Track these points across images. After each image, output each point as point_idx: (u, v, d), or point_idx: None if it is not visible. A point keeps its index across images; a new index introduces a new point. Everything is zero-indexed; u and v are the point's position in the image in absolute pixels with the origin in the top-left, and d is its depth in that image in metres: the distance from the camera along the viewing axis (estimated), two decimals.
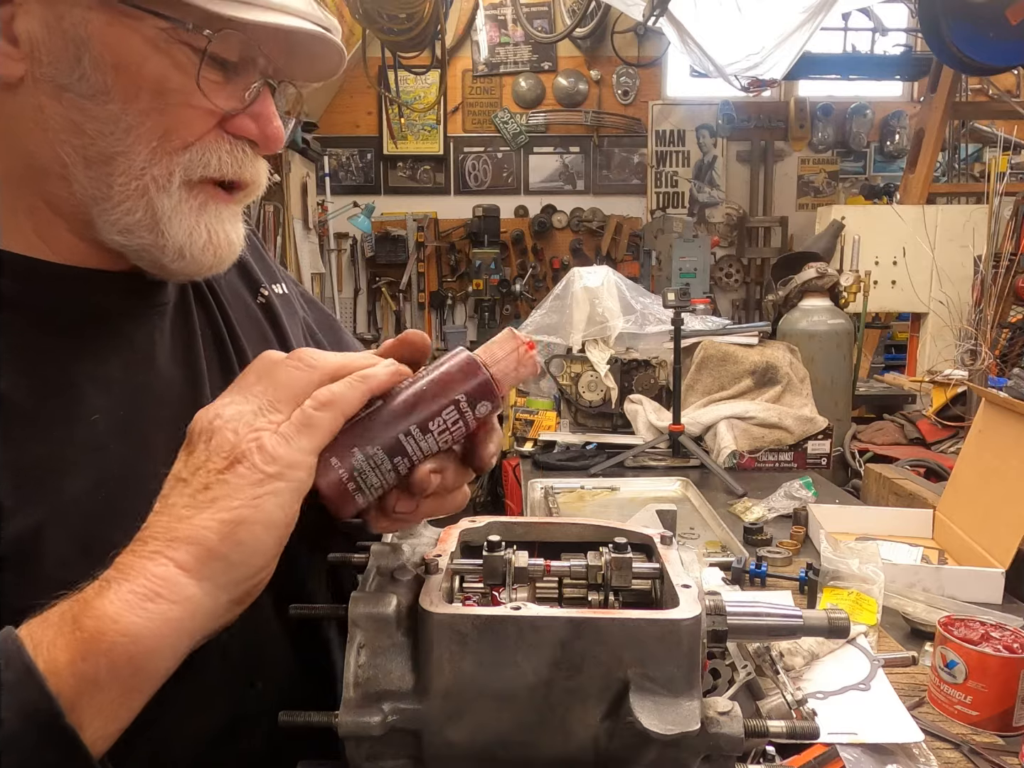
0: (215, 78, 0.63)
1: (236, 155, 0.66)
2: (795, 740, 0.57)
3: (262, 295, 0.87)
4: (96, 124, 0.61)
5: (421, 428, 0.58)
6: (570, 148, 7.15)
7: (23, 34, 0.59)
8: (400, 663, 0.55)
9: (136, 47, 0.60)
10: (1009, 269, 3.53)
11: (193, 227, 0.65)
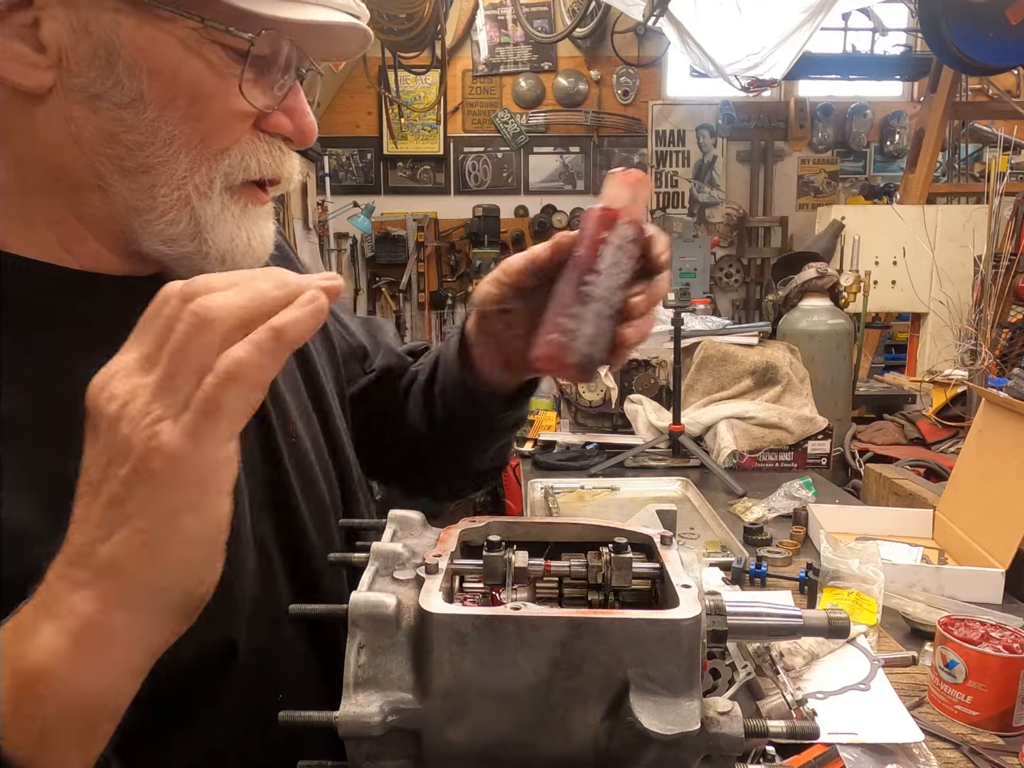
0: (249, 76, 0.61)
1: (273, 154, 0.65)
2: (795, 740, 0.57)
3: None
4: (133, 134, 0.59)
5: (598, 275, 0.67)
6: (570, 148, 7.15)
7: (50, 41, 0.56)
8: (400, 663, 0.55)
9: (170, 50, 0.58)
10: (1009, 269, 3.53)
11: (235, 233, 0.64)
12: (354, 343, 0.99)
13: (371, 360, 1.00)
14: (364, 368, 0.99)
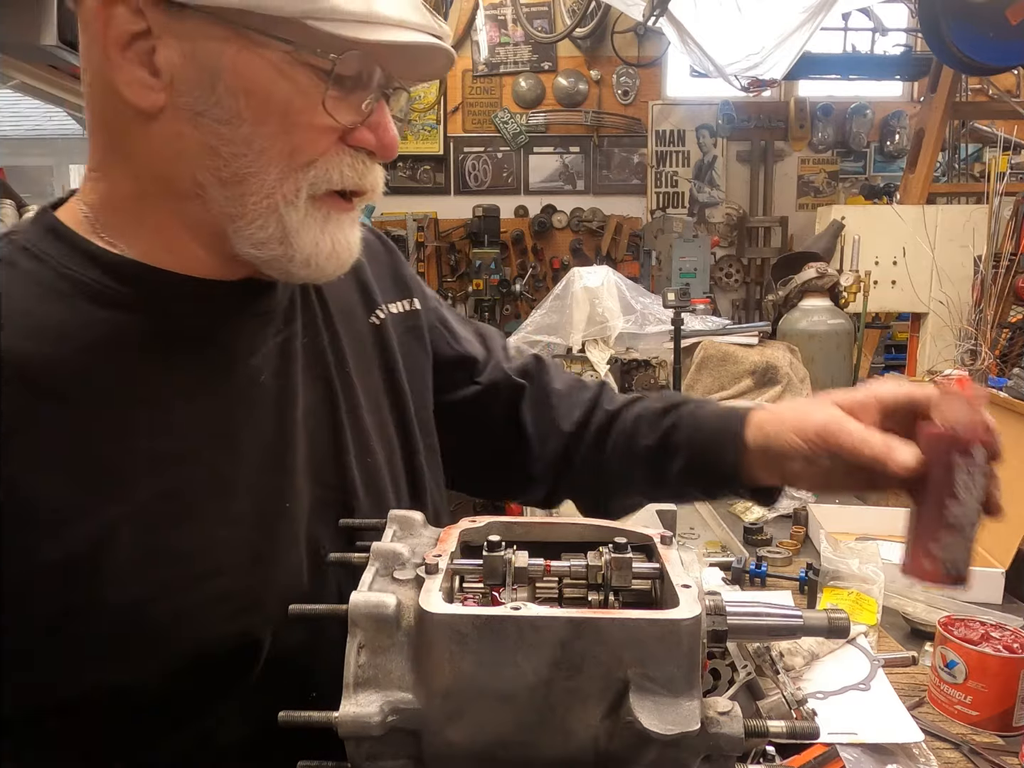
0: (335, 94, 0.65)
1: (356, 167, 0.69)
2: (795, 740, 0.57)
3: (377, 316, 0.90)
4: (231, 147, 0.65)
5: (959, 502, 0.71)
6: (570, 148, 7.15)
7: (163, 66, 0.63)
8: (400, 663, 0.55)
9: (264, 72, 0.63)
10: (1009, 269, 3.53)
11: (319, 238, 0.69)
12: (461, 351, 0.99)
13: (480, 369, 1.00)
14: (472, 376, 0.99)
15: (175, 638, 0.64)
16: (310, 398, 0.78)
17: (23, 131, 4.48)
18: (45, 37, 2.81)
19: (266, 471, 0.72)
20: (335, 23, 0.61)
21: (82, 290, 0.67)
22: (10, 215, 2.54)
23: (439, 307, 1.02)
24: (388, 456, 0.85)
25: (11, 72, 3.28)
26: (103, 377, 0.65)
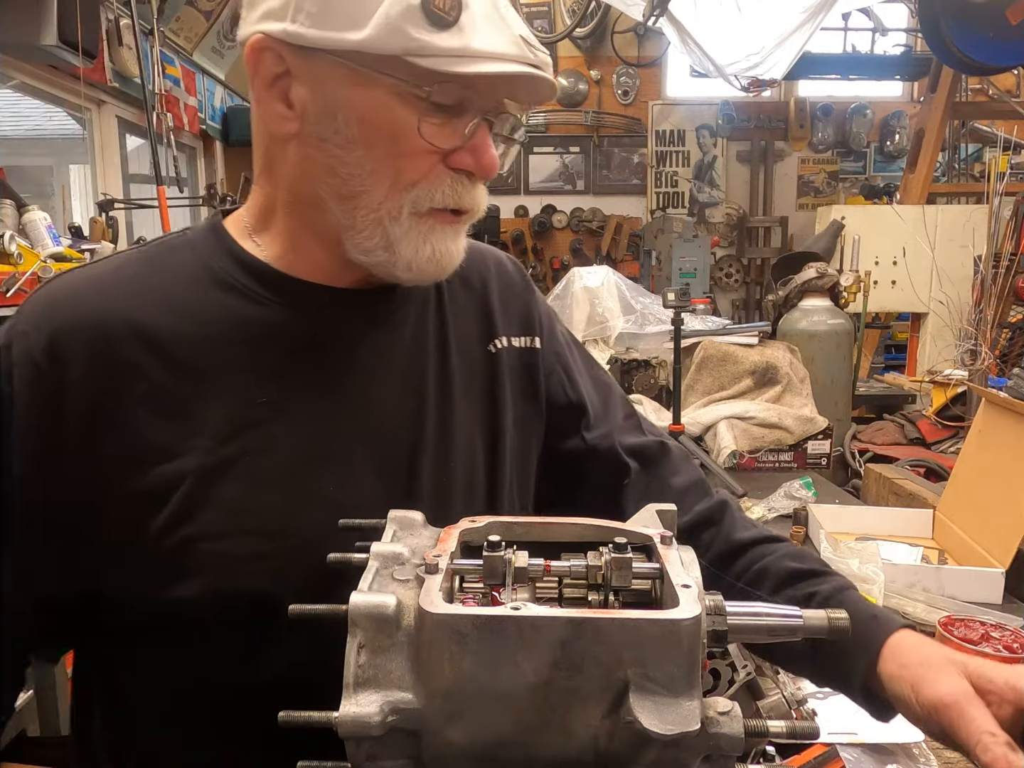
0: (436, 121, 0.74)
1: (456, 187, 0.77)
2: (795, 740, 0.57)
3: (495, 345, 0.94)
4: (347, 168, 0.75)
5: None
6: (570, 148, 7.16)
7: (296, 100, 0.75)
8: (400, 663, 0.55)
9: (376, 103, 0.73)
10: (1009, 269, 3.53)
11: (419, 246, 0.77)
12: (574, 398, 0.98)
13: (588, 422, 0.98)
14: (579, 428, 0.98)
15: (212, 579, 0.73)
16: (400, 404, 0.85)
17: (23, 131, 4.49)
18: (45, 37, 2.81)
19: (326, 462, 0.80)
20: (432, 59, 0.70)
21: (216, 280, 0.80)
22: (10, 215, 2.54)
23: (566, 351, 1.01)
24: (468, 478, 0.88)
25: (11, 72, 3.28)
26: (219, 354, 0.77)
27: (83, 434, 0.73)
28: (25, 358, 0.74)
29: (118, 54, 3.73)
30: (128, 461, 0.73)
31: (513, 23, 0.74)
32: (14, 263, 2.20)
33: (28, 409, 0.73)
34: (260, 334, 0.79)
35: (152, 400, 0.74)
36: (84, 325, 0.75)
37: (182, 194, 4.44)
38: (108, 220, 3.33)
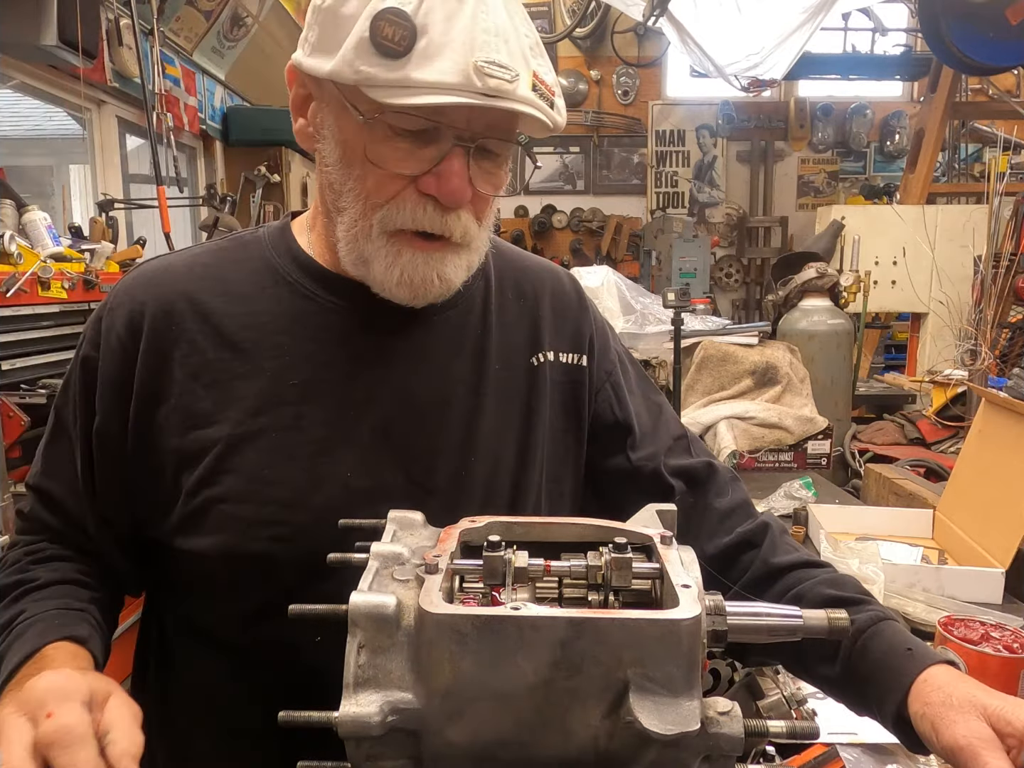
0: (404, 146, 0.78)
1: (417, 211, 0.80)
2: (795, 740, 0.57)
3: (538, 358, 0.96)
4: (336, 186, 0.83)
5: None
6: (570, 148, 7.16)
7: (313, 121, 0.84)
8: (400, 663, 0.55)
9: (349, 128, 0.80)
10: (1009, 269, 3.53)
11: (389, 267, 0.82)
12: (621, 417, 0.99)
13: (635, 442, 0.99)
14: (625, 447, 0.99)
15: (227, 538, 0.81)
16: (425, 402, 0.89)
17: (23, 131, 4.49)
18: (45, 37, 2.81)
19: (348, 444, 0.85)
20: (375, 89, 0.74)
21: (273, 273, 0.90)
22: (10, 215, 2.54)
23: (617, 370, 1.02)
24: (490, 481, 0.90)
25: (11, 72, 3.28)
26: (263, 337, 0.86)
27: (144, 397, 0.84)
28: (110, 331, 0.87)
29: (118, 54, 3.73)
30: (173, 423, 0.84)
31: (482, 47, 0.73)
32: (14, 263, 2.20)
33: (110, 374, 0.85)
34: (303, 323, 0.87)
35: (200, 372, 0.85)
36: (156, 304, 0.86)
37: (182, 194, 4.44)
38: (108, 220, 3.33)
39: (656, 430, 1.01)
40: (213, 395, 0.84)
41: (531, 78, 0.77)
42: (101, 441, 0.86)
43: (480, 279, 0.95)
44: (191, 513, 0.83)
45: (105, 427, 0.85)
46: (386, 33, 0.72)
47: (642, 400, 1.03)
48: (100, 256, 2.66)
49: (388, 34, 0.72)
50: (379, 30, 0.72)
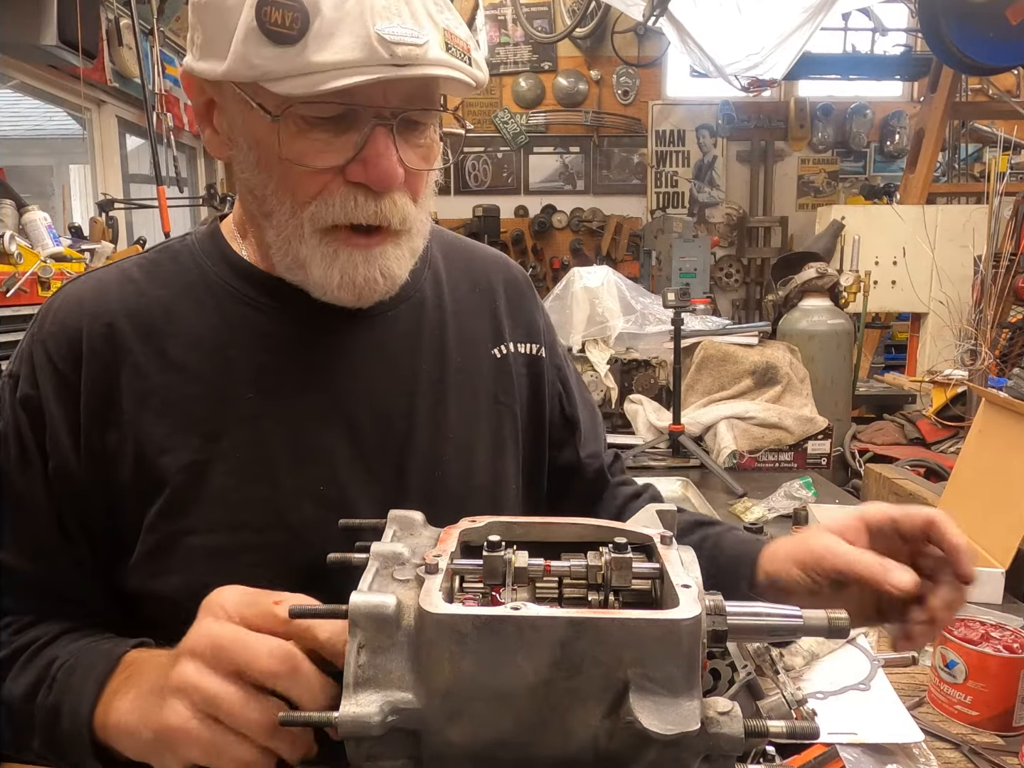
0: (321, 136, 0.72)
1: (347, 203, 0.74)
2: (795, 740, 0.57)
3: (500, 350, 0.94)
4: (257, 190, 0.78)
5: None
6: (570, 148, 7.15)
7: (219, 127, 0.79)
8: (400, 663, 0.55)
9: (260, 128, 0.74)
10: (1009, 269, 3.53)
11: (327, 271, 0.77)
12: (570, 414, 1.02)
13: (580, 439, 1.02)
14: (575, 441, 1.01)
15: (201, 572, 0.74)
16: (387, 403, 0.85)
17: (23, 131, 4.49)
18: (45, 37, 2.81)
19: (315, 456, 0.81)
20: (277, 83, 0.68)
21: (210, 284, 0.84)
22: (10, 215, 2.54)
23: (565, 366, 1.03)
24: (466, 479, 0.89)
25: (11, 72, 3.28)
26: (210, 353, 0.80)
27: (93, 429, 0.78)
28: (47, 364, 0.79)
29: (118, 54, 3.73)
30: (126, 454, 0.77)
31: (382, 14, 0.67)
32: (14, 263, 2.20)
33: (56, 410, 0.78)
34: (249, 334, 0.82)
35: (148, 397, 0.78)
36: (93, 327, 0.80)
37: (182, 194, 4.44)
38: (108, 220, 3.33)
39: (595, 429, 1.05)
40: (165, 421, 0.78)
41: (441, 37, 0.71)
42: (60, 485, 0.78)
43: (427, 269, 0.92)
44: (153, 550, 0.77)
45: (61, 470, 0.78)
46: (274, 19, 0.66)
47: (580, 399, 1.04)
48: (100, 256, 2.66)
49: (277, 19, 0.66)
50: (267, 16, 0.66)
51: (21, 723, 0.74)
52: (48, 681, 0.73)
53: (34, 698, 0.73)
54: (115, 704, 0.67)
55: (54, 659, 0.74)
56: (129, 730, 0.65)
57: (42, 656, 0.75)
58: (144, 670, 0.68)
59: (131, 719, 0.65)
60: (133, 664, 0.71)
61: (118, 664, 0.71)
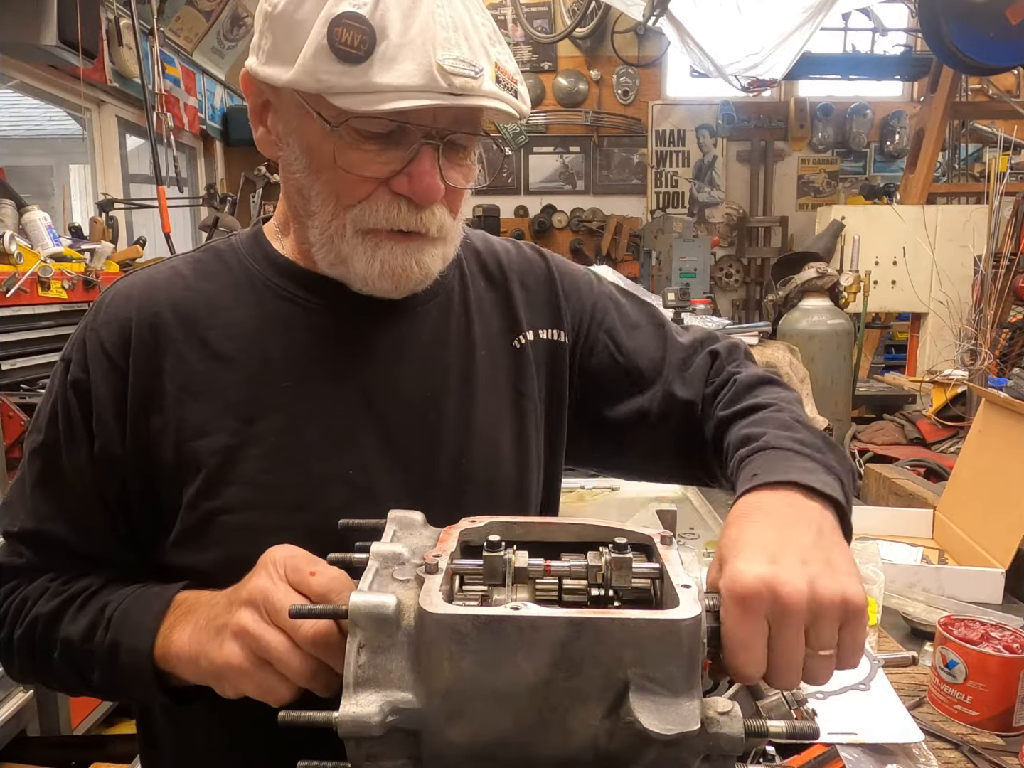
0: (373, 148, 0.78)
1: (391, 211, 0.80)
2: (795, 740, 0.57)
3: (519, 341, 0.96)
4: (304, 190, 0.83)
5: None
6: (570, 148, 7.15)
7: (273, 127, 0.84)
8: (400, 663, 0.55)
9: (315, 134, 0.79)
10: (1009, 269, 3.53)
11: (370, 261, 0.82)
12: (625, 364, 0.98)
13: (649, 381, 0.97)
14: (641, 388, 0.97)
15: (234, 548, 0.79)
16: (417, 397, 0.89)
17: (23, 131, 4.49)
18: (45, 37, 2.81)
19: (346, 443, 0.85)
20: (340, 97, 0.74)
21: (252, 279, 0.89)
22: (10, 215, 2.54)
23: (607, 315, 1.01)
24: (491, 472, 0.91)
25: (11, 72, 3.28)
26: (249, 343, 0.85)
27: (138, 413, 0.83)
28: (99, 351, 0.85)
29: (118, 54, 3.73)
30: (167, 437, 0.83)
31: (443, 44, 0.73)
32: (14, 263, 2.20)
33: (105, 395, 0.83)
34: (286, 325, 0.87)
35: (189, 383, 0.84)
36: (141, 318, 0.85)
37: (182, 194, 4.45)
38: (108, 220, 3.33)
39: (663, 352, 0.99)
40: (204, 406, 0.83)
41: (493, 70, 0.77)
42: (103, 465, 0.84)
43: (455, 270, 0.95)
44: (192, 528, 0.83)
45: (106, 450, 0.83)
46: (344, 39, 0.72)
47: (637, 331, 1.01)
48: (100, 256, 2.66)
49: (347, 39, 0.72)
50: (337, 36, 0.72)
51: (81, 661, 0.82)
52: (104, 623, 0.80)
53: (92, 638, 0.80)
54: (174, 637, 0.75)
55: (107, 603, 0.81)
56: (190, 659, 0.73)
57: (95, 601, 0.83)
58: (197, 607, 0.76)
59: (191, 650, 0.73)
60: (185, 602, 0.78)
61: (171, 603, 0.78)
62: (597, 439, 1.01)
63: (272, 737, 0.73)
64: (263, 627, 0.67)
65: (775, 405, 0.86)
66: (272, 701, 0.68)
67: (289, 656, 0.66)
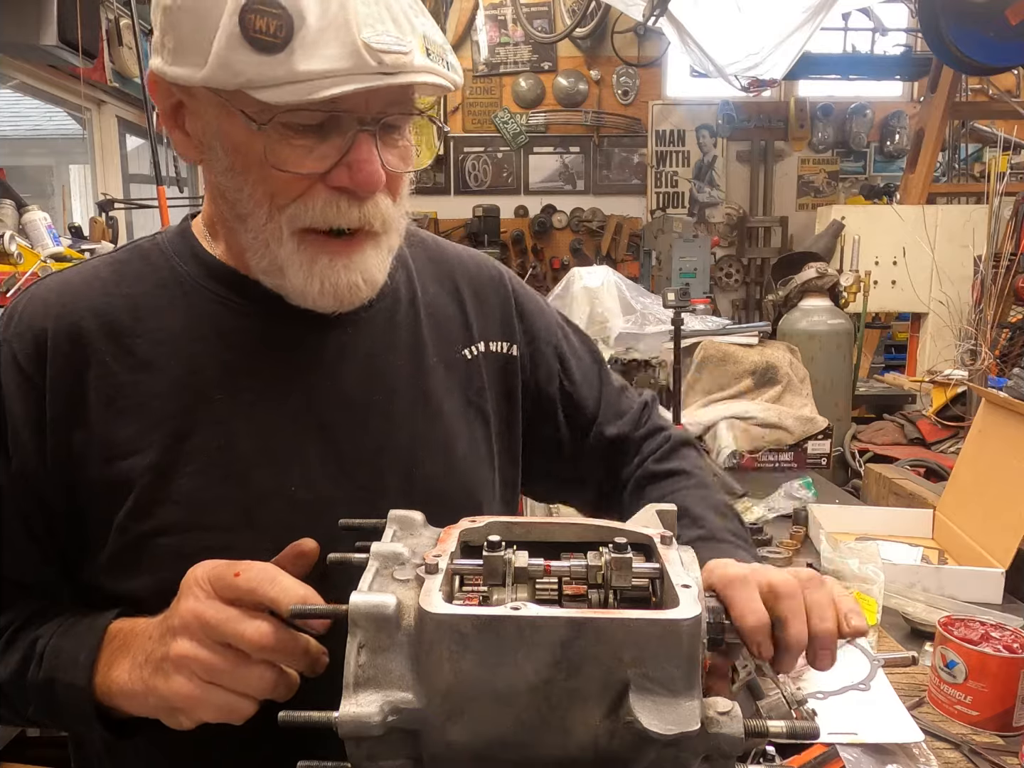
0: (304, 143, 0.73)
1: (328, 208, 0.75)
2: (795, 740, 0.57)
3: (470, 351, 0.94)
4: (231, 193, 0.77)
5: None
6: (570, 148, 7.15)
7: (191, 130, 0.78)
8: (400, 663, 0.55)
9: (240, 133, 0.73)
10: (1009, 269, 3.53)
11: (307, 278, 0.77)
12: (572, 391, 1.02)
13: (588, 412, 1.02)
14: (579, 417, 1.02)
15: (170, 574, 0.70)
16: (364, 403, 0.85)
17: (23, 131, 4.49)
18: (45, 37, 2.81)
19: (288, 456, 0.81)
20: (263, 90, 0.68)
21: (180, 282, 0.83)
22: (10, 215, 2.54)
23: (559, 340, 1.03)
24: (445, 479, 0.88)
25: (11, 72, 3.28)
26: (178, 352, 0.80)
27: (59, 429, 0.77)
28: (12, 364, 0.79)
29: (118, 54, 3.73)
30: (93, 454, 0.77)
31: (366, 20, 0.68)
32: (14, 263, 2.20)
33: (19, 411, 0.78)
34: (219, 333, 0.81)
35: (116, 396, 0.78)
36: (59, 327, 0.79)
37: (182, 194, 4.45)
38: (108, 220, 3.33)
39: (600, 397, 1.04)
40: (133, 420, 0.78)
41: (422, 42, 0.71)
42: (21, 483, 0.78)
43: (401, 269, 0.91)
44: (122, 551, 0.77)
45: (23, 467, 0.77)
46: (259, 26, 0.66)
47: (579, 363, 1.04)
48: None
49: (261, 27, 0.66)
50: (250, 24, 0.66)
51: (15, 697, 0.77)
52: (36, 659, 0.75)
53: (24, 674, 0.75)
54: (113, 676, 0.71)
55: (36, 638, 0.77)
56: (136, 696, 0.69)
57: (22, 636, 0.78)
58: (132, 641, 0.72)
59: (135, 688, 0.69)
60: (120, 634, 0.73)
61: (104, 636, 0.74)
62: (526, 457, 1.00)
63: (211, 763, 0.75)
64: (203, 651, 0.64)
65: (698, 476, 0.99)
66: (236, 720, 0.65)
67: (240, 670, 0.64)
